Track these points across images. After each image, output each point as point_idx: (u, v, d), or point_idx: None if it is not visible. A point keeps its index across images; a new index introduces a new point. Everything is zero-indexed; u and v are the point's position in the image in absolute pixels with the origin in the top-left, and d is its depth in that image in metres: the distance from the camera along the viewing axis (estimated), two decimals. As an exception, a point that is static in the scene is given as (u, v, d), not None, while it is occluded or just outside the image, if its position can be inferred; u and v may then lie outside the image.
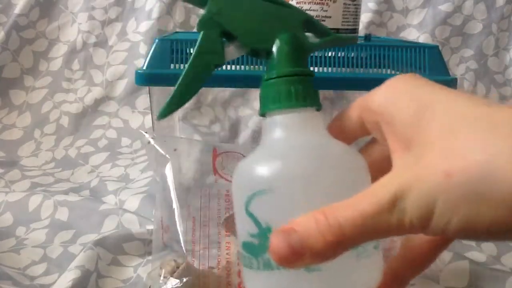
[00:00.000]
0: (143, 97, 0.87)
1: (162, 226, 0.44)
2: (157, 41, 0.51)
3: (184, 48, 0.51)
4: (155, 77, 0.51)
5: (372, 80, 0.52)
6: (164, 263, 0.43)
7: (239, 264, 0.42)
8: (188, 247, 0.43)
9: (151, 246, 0.54)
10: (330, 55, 0.52)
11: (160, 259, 0.44)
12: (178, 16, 0.89)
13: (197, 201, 0.44)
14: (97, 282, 0.49)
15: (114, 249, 0.54)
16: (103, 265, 0.51)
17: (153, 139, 0.45)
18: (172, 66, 0.51)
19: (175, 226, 0.42)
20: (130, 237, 0.55)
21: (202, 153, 0.48)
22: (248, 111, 0.86)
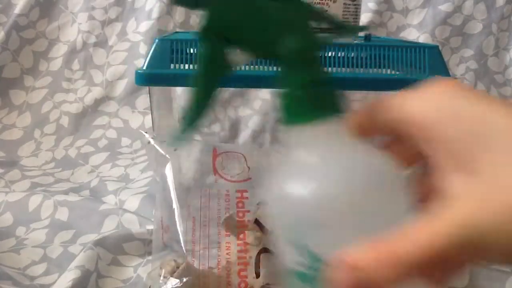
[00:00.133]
0: (143, 97, 0.87)
1: (162, 226, 0.44)
2: (157, 41, 0.51)
3: (184, 48, 0.51)
4: (155, 77, 0.51)
5: (372, 80, 0.52)
6: (164, 263, 0.43)
7: (239, 264, 0.42)
8: (188, 247, 0.43)
9: (151, 246, 0.54)
10: (330, 55, 0.52)
11: (160, 259, 0.44)
12: (178, 16, 0.89)
13: (197, 201, 0.44)
14: (97, 282, 0.49)
15: (114, 249, 0.54)
16: (103, 265, 0.51)
17: (153, 139, 0.45)
18: (172, 66, 0.51)
19: (175, 226, 0.42)
20: (130, 237, 0.55)
21: (202, 153, 0.48)
22: (248, 111, 0.86)
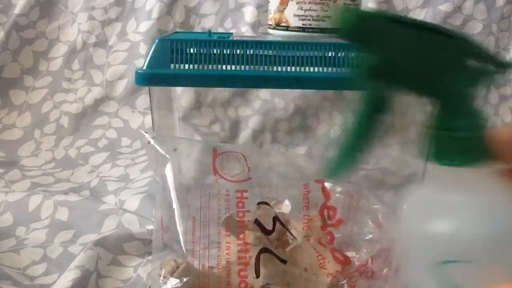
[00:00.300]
0: (143, 97, 0.87)
1: (162, 226, 0.44)
2: (157, 41, 0.51)
3: (184, 48, 0.51)
4: (155, 77, 0.51)
5: (372, 80, 0.52)
6: (164, 263, 0.43)
7: (239, 264, 0.42)
8: (188, 247, 0.43)
9: (151, 246, 0.54)
10: (330, 55, 0.52)
11: (160, 259, 0.44)
12: (178, 16, 0.89)
13: (197, 201, 0.44)
14: (97, 282, 0.49)
15: (114, 249, 0.54)
16: (103, 265, 0.51)
17: (153, 139, 0.45)
18: (172, 66, 0.51)
19: (175, 226, 0.42)
20: (130, 237, 0.55)
21: (202, 153, 0.48)
22: (248, 111, 0.85)
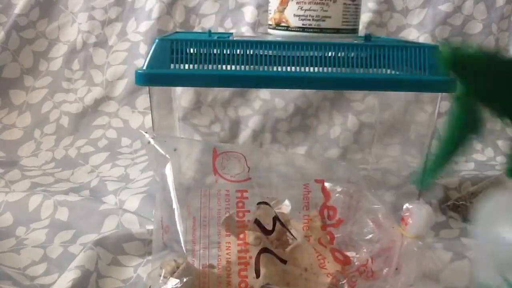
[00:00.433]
0: (143, 97, 0.87)
1: (162, 226, 0.44)
2: (157, 41, 0.51)
3: (184, 48, 0.51)
4: (155, 77, 0.51)
5: (372, 80, 0.52)
6: (164, 263, 0.43)
7: (239, 264, 0.42)
8: (188, 247, 0.43)
9: (151, 246, 0.54)
10: (330, 55, 0.52)
11: (160, 259, 0.44)
12: (178, 16, 0.89)
13: (197, 201, 0.44)
14: (97, 282, 0.49)
15: (114, 249, 0.54)
16: (103, 265, 0.51)
17: (153, 139, 0.45)
18: (172, 66, 0.51)
19: (175, 226, 0.42)
20: (130, 237, 0.55)
21: (202, 153, 0.48)
22: (248, 111, 0.86)
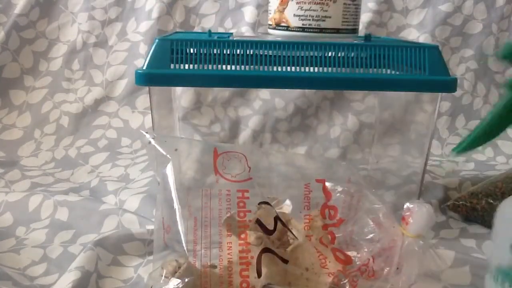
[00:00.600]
0: (143, 97, 0.87)
1: (163, 226, 0.44)
2: (157, 41, 0.51)
3: (184, 48, 0.51)
4: (155, 77, 0.51)
5: (372, 80, 0.52)
6: (166, 263, 0.43)
7: (240, 264, 0.42)
8: (189, 247, 0.43)
9: (151, 246, 0.54)
10: (330, 55, 0.52)
11: (162, 259, 0.44)
12: (178, 16, 0.89)
13: (198, 201, 0.44)
14: (97, 282, 0.49)
15: (114, 249, 0.54)
16: (103, 266, 0.51)
17: (154, 139, 0.45)
18: (172, 66, 0.51)
19: (176, 226, 0.42)
20: (130, 237, 0.55)
21: (203, 153, 0.48)
22: (248, 111, 0.86)
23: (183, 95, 0.85)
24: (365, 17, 0.88)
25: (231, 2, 0.90)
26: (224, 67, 0.51)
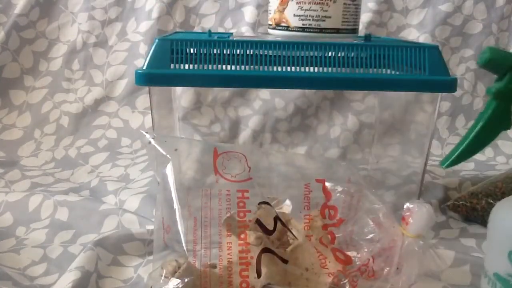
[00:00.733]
0: (143, 97, 0.87)
1: (163, 226, 0.44)
2: (157, 41, 0.51)
3: (184, 48, 0.51)
4: (155, 77, 0.51)
5: (372, 80, 0.52)
6: (165, 263, 0.43)
7: (240, 264, 0.42)
8: (189, 247, 0.43)
9: (151, 246, 0.54)
10: (330, 55, 0.52)
11: (161, 259, 0.44)
12: (178, 16, 0.89)
13: (198, 201, 0.44)
14: (97, 282, 0.49)
15: (114, 249, 0.54)
16: (103, 266, 0.51)
17: (154, 139, 0.45)
18: (172, 66, 0.51)
19: (176, 226, 0.42)
20: (130, 237, 0.55)
21: (203, 153, 0.48)
22: (248, 111, 0.86)
23: (183, 95, 0.85)
24: (365, 17, 0.88)
25: (231, 2, 0.90)
26: (224, 67, 0.51)
